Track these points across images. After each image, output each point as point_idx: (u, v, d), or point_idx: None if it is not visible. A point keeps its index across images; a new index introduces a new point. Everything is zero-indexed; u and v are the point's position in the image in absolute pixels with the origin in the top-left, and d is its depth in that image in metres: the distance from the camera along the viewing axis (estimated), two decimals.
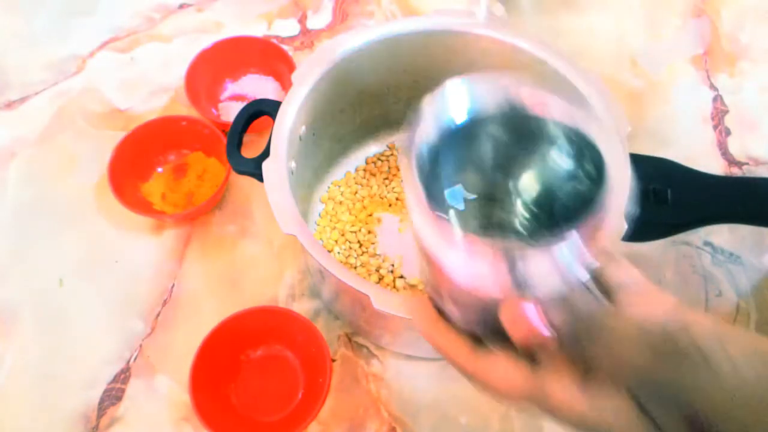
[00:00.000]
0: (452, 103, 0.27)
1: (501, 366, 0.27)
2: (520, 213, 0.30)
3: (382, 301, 0.40)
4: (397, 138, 0.64)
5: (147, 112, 0.67)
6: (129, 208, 0.57)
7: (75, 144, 0.65)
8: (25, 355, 0.54)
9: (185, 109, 0.67)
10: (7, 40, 0.73)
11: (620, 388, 0.24)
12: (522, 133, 0.27)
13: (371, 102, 0.58)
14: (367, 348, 0.54)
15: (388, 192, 0.61)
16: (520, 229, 0.30)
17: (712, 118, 0.67)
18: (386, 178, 0.62)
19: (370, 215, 0.59)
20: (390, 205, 0.60)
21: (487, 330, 0.27)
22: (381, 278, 0.56)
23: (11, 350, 0.54)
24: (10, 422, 0.51)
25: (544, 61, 0.49)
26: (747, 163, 0.64)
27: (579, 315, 0.25)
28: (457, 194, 0.30)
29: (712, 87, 0.70)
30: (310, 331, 0.50)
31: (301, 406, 0.50)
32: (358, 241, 0.58)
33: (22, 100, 0.68)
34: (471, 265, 0.23)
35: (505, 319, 0.25)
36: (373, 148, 0.63)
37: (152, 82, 0.70)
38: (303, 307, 0.56)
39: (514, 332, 0.25)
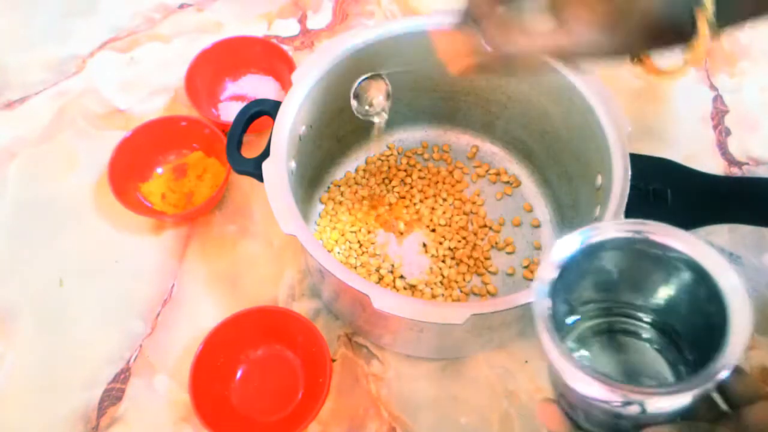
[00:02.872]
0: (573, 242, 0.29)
1: None
2: (641, 325, 0.33)
3: (382, 301, 0.40)
4: (397, 138, 0.64)
5: (147, 112, 0.67)
6: (129, 208, 0.57)
7: (75, 144, 0.65)
8: (25, 355, 0.54)
9: (185, 109, 0.67)
10: (7, 40, 0.73)
11: None
12: (644, 259, 0.30)
13: None
14: (367, 348, 0.54)
15: (388, 192, 0.61)
16: (645, 335, 0.33)
17: (712, 118, 0.67)
18: (386, 178, 0.62)
19: (378, 216, 0.59)
20: (390, 205, 0.60)
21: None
22: (381, 278, 0.56)
23: (11, 350, 0.54)
24: (10, 422, 0.51)
25: (544, 61, 0.49)
26: (747, 163, 0.64)
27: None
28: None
29: (712, 87, 0.69)
30: (310, 331, 0.50)
31: (301, 406, 0.50)
32: (358, 241, 0.58)
33: (22, 100, 0.68)
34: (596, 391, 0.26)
35: None
36: (373, 148, 0.63)
37: (152, 82, 0.70)
38: (303, 307, 0.56)
39: None
